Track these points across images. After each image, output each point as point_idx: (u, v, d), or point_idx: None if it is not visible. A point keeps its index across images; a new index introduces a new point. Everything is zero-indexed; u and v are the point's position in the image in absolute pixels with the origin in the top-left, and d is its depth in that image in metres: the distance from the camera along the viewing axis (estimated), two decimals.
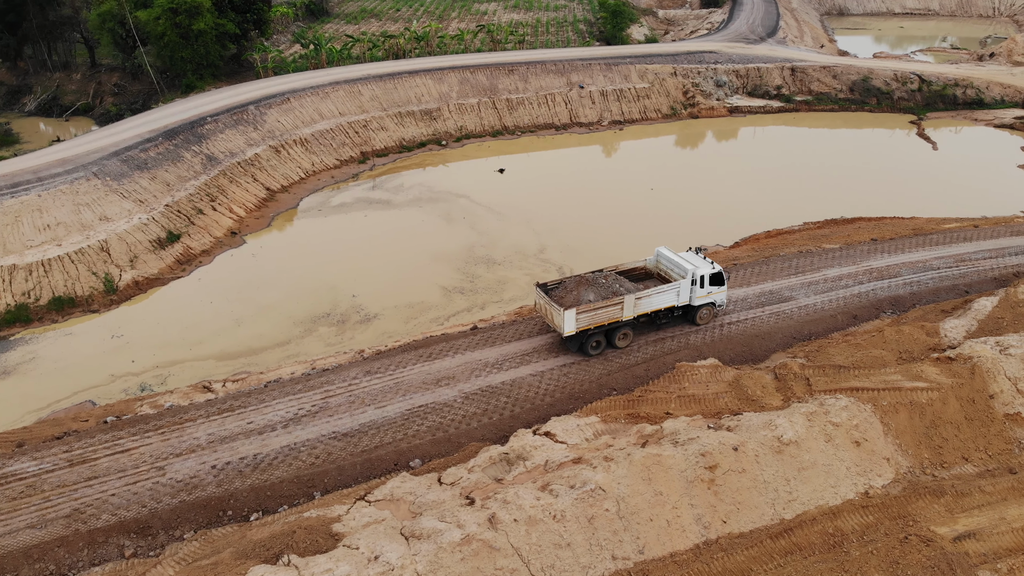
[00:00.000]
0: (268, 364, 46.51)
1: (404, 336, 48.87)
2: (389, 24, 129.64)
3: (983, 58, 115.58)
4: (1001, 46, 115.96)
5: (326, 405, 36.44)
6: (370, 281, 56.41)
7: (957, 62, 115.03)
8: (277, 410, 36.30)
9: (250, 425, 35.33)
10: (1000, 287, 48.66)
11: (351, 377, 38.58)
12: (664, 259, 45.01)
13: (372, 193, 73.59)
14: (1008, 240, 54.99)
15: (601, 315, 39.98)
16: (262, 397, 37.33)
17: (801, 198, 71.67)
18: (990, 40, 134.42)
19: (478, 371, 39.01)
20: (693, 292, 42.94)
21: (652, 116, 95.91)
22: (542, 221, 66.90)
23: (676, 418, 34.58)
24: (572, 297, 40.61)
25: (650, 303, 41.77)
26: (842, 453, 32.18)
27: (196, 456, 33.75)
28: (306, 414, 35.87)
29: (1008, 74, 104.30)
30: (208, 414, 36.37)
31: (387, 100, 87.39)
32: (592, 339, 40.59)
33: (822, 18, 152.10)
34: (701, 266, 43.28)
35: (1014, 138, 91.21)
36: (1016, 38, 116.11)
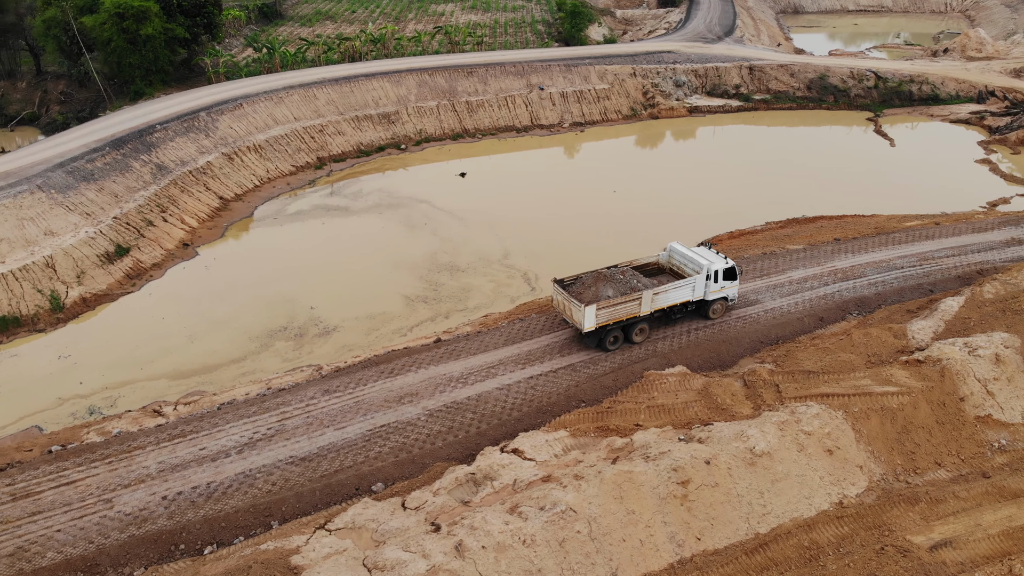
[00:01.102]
0: (223, 382, 44.81)
1: (365, 349, 47.49)
2: (345, 26, 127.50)
3: (937, 54, 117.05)
4: (955, 42, 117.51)
5: (283, 428, 34.92)
6: (329, 292, 54.82)
7: (912, 58, 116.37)
8: (231, 434, 34.69)
9: (203, 451, 33.69)
10: (964, 285, 48.70)
11: (309, 397, 37.08)
12: (677, 254, 45.55)
13: (330, 200, 71.87)
14: (970, 237, 55.19)
15: (620, 311, 40.43)
16: (215, 421, 35.67)
17: (762, 197, 71.49)
18: (943, 36, 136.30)
19: (442, 386, 37.75)
20: (707, 287, 43.51)
21: (613, 117, 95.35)
22: (506, 226, 65.82)
23: (646, 430, 33.72)
24: (590, 293, 40.92)
25: (667, 298, 42.28)
26: (815, 462, 31.58)
27: (146, 487, 32.06)
28: (262, 438, 34.32)
29: (962, 69, 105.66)
30: (158, 441, 34.65)
31: (344, 104, 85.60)
32: (611, 334, 40.97)
33: (778, 16, 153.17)
34: (715, 261, 43.78)
35: (970, 133, 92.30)
36: (969, 33, 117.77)
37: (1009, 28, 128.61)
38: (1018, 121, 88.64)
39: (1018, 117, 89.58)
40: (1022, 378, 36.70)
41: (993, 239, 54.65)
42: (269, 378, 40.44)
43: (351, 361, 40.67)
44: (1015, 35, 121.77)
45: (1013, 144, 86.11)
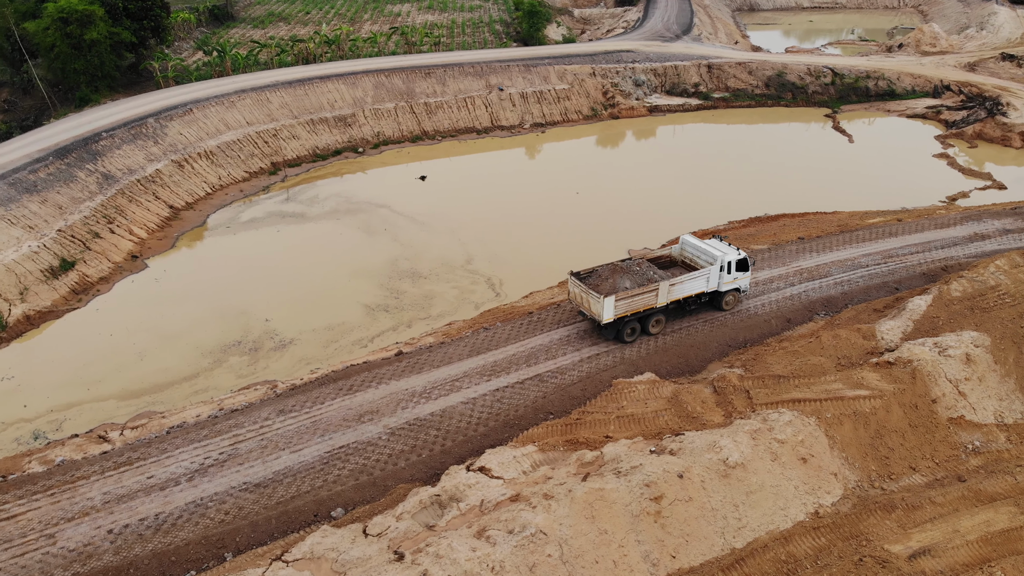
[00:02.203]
0: (174, 401, 42.91)
1: (323, 362, 45.88)
2: (298, 28, 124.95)
3: (892, 49, 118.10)
4: (909, 37, 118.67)
5: (236, 452, 33.16)
6: (285, 303, 53.01)
7: (867, 54, 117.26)
8: (181, 460, 32.86)
9: (151, 480, 31.83)
10: (929, 282, 48.48)
11: (263, 418, 35.33)
12: (690, 246, 45.98)
13: (285, 206, 69.85)
14: (932, 233, 55.12)
15: (637, 302, 40.90)
16: (164, 446, 33.79)
17: (724, 196, 71.08)
18: (897, 31, 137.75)
19: (404, 402, 36.22)
20: (721, 278, 43.98)
21: (573, 118, 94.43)
22: (468, 230, 64.49)
23: (616, 442, 32.65)
24: (608, 285, 41.23)
25: (682, 289, 42.79)
26: (789, 472, 30.77)
27: (90, 520, 30.15)
28: (213, 463, 32.53)
29: (917, 64, 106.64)
30: (103, 469, 32.70)
31: (298, 107, 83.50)
32: (628, 326, 41.46)
33: (734, 14, 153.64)
34: (728, 252, 44.28)
35: (927, 127, 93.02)
36: (923, 28, 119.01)
37: (962, 22, 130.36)
38: (974, 115, 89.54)
39: (974, 111, 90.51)
40: (993, 377, 36.35)
41: (956, 235, 54.64)
42: (221, 398, 38.58)
43: (307, 378, 38.95)
44: (968, 29, 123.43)
45: (970, 138, 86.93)
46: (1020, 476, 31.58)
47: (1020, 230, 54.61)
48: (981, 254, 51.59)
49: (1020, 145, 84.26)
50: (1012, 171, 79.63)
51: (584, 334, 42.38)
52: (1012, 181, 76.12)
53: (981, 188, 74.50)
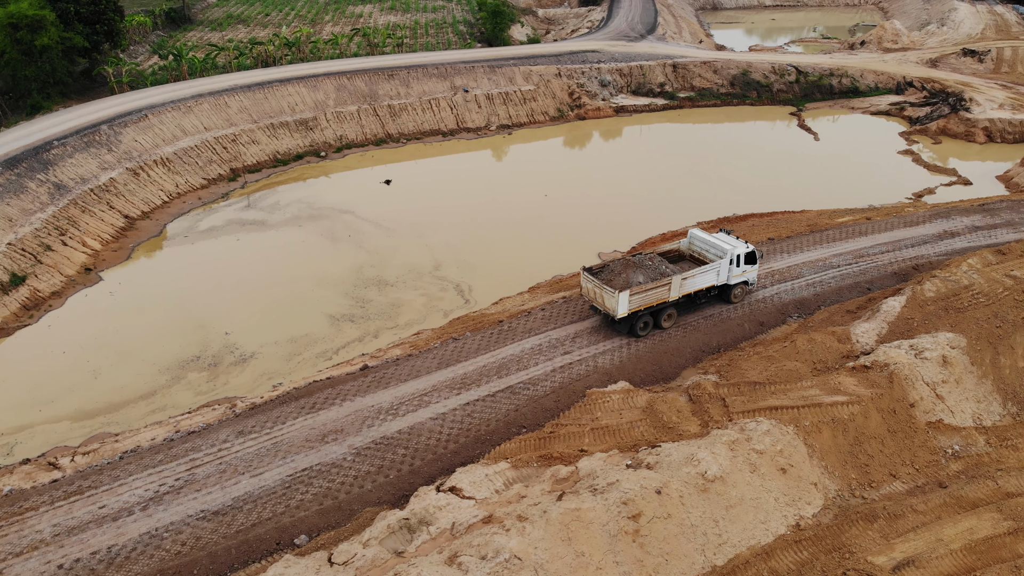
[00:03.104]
0: (130, 421, 41.08)
1: (286, 376, 44.31)
2: (258, 30, 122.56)
3: (854, 46, 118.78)
4: (871, 34, 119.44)
5: (192, 477, 31.49)
6: (245, 315, 51.26)
7: (830, 52, 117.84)
8: (135, 488, 31.12)
9: (103, 510, 30.08)
10: (900, 281, 48.16)
11: (221, 440, 33.67)
12: (698, 240, 46.35)
13: (245, 213, 67.89)
14: (902, 232, 54.89)
15: (650, 296, 41.29)
16: (117, 473, 32.01)
17: (692, 197, 70.59)
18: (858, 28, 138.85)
19: (370, 420, 34.73)
20: (730, 271, 44.35)
21: (540, 119, 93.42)
22: (435, 235, 63.13)
23: (591, 455, 31.58)
24: (621, 280, 41.63)
25: (694, 283, 43.16)
26: (769, 483, 29.91)
27: (39, 554, 28.34)
28: (169, 490, 30.86)
29: (880, 61, 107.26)
30: (53, 499, 30.87)
31: (257, 111, 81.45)
32: (641, 320, 41.79)
33: (697, 13, 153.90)
34: (737, 246, 44.57)
35: (891, 124, 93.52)
36: (885, 25, 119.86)
37: (922, 19, 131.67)
38: (937, 111, 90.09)
39: (937, 107, 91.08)
40: (970, 379, 35.89)
41: (926, 232, 54.46)
42: (177, 419, 36.81)
43: (268, 396, 37.28)
44: (929, 25, 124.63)
45: (934, 134, 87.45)
46: (1001, 481, 31.06)
47: (989, 227, 54.59)
48: (951, 252, 51.41)
49: (984, 140, 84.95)
50: (976, 166, 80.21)
51: (556, 343, 41.27)
52: (977, 176, 76.59)
53: (947, 184, 74.83)
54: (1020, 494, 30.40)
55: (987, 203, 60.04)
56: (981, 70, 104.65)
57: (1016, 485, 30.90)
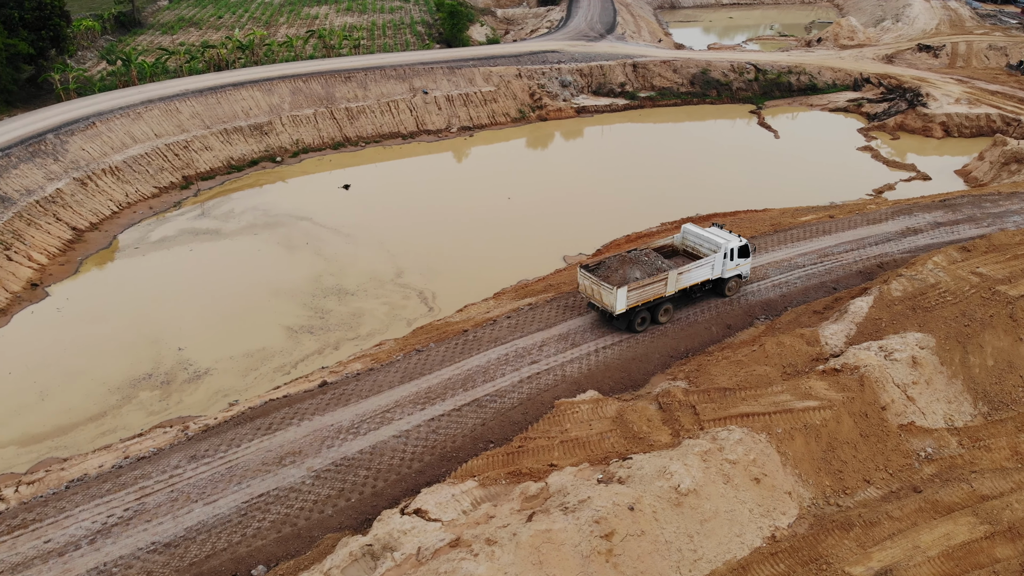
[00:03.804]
0: (79, 444, 39.31)
1: (242, 392, 42.73)
2: (210, 33, 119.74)
3: (811, 44, 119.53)
4: (827, 31, 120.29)
5: (143, 507, 29.80)
6: (199, 329, 49.46)
7: (788, 49, 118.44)
8: (82, 520, 29.37)
9: (48, 544, 28.30)
10: (866, 279, 47.95)
11: (172, 466, 31.98)
12: (691, 235, 46.63)
13: (198, 222, 65.79)
14: (866, 229, 54.75)
15: (648, 291, 41.53)
16: (62, 504, 30.18)
17: (655, 197, 70.09)
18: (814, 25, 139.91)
19: (330, 440, 33.26)
20: (724, 265, 44.63)
21: (501, 120, 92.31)
22: (396, 241, 61.75)
23: (561, 470, 30.55)
24: (618, 276, 41.84)
25: (689, 277, 43.45)
26: (743, 494, 29.12)
27: None
28: (118, 522, 29.14)
29: (837, 58, 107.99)
30: None
31: (210, 116, 79.20)
32: (639, 315, 42.00)
33: (656, 12, 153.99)
34: (730, 240, 44.96)
35: (849, 120, 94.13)
36: (840, 22, 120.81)
37: (877, 15, 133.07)
38: (895, 107, 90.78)
39: (894, 103, 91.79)
40: (940, 380, 35.53)
41: (889, 230, 54.37)
42: (126, 444, 34.98)
43: (221, 417, 35.58)
44: (884, 22, 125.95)
45: (892, 130, 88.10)
46: (976, 483, 30.65)
47: (951, 223, 54.69)
48: (915, 249, 51.37)
49: (941, 135, 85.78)
50: (934, 161, 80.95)
51: (523, 352, 40.16)
52: (936, 171, 77.25)
53: (906, 180, 75.32)
54: (995, 496, 30.00)
55: (948, 199, 60.24)
56: (936, 65, 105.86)
57: (991, 487, 30.50)
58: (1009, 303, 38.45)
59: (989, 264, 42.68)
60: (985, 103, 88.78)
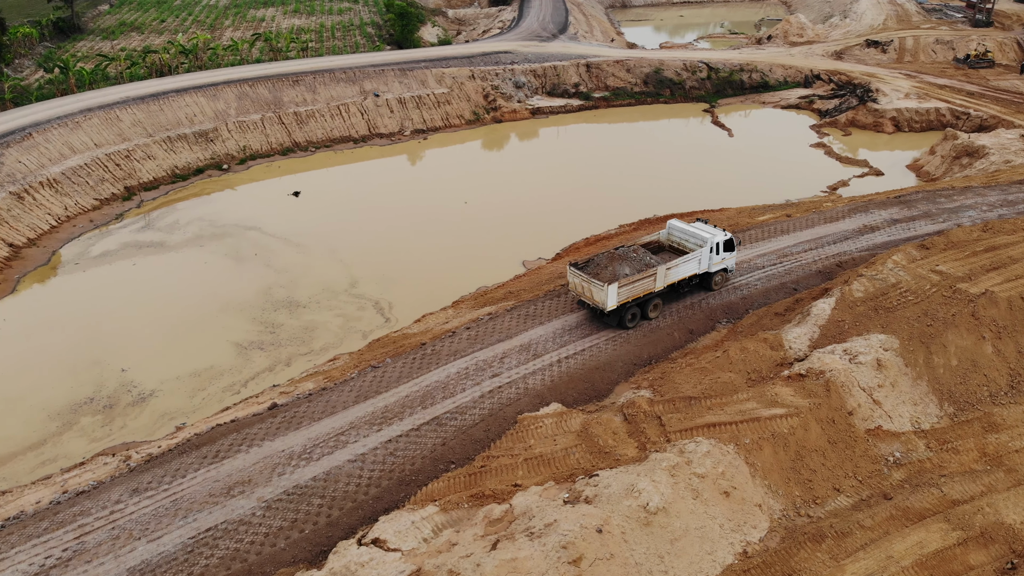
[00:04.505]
0: (17, 476, 37.08)
1: (190, 415, 40.82)
2: (153, 38, 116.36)
3: (762, 41, 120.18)
4: (777, 28, 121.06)
5: (82, 547, 27.83)
6: (144, 348, 47.32)
7: (739, 47, 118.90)
8: (18, 563, 27.30)
9: None
10: (825, 279, 47.63)
11: (113, 500, 30.04)
12: (677, 230, 46.88)
13: (142, 235, 63.26)
14: (823, 228, 54.58)
15: (638, 287, 41.61)
16: None
17: (613, 198, 69.39)
18: (764, 23, 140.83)
19: (281, 467, 31.57)
20: (711, 259, 44.97)
21: (455, 122, 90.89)
22: (350, 249, 60.05)
23: (526, 490, 29.39)
24: (608, 272, 41.65)
25: (677, 272, 43.63)
26: (713, 509, 28.27)
27: None
28: (56, 564, 27.16)
29: (787, 55, 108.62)
30: None
31: (153, 124, 76.43)
32: (629, 311, 42.14)
33: (607, 11, 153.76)
34: (716, 234, 45.17)
35: (801, 117, 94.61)
36: (790, 19, 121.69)
37: (825, 11, 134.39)
38: (846, 103, 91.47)
39: (845, 99, 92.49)
40: (905, 381, 35.15)
41: (846, 228, 54.26)
42: (64, 477, 32.89)
43: (165, 445, 33.67)
44: (832, 18, 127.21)
45: (843, 126, 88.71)
46: (946, 488, 30.22)
47: (907, 219, 54.77)
48: (872, 247, 51.26)
49: (892, 130, 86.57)
50: (886, 156, 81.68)
51: (484, 365, 38.83)
52: (888, 167, 77.90)
53: (859, 176, 75.77)
54: (965, 501, 29.59)
55: (903, 195, 60.46)
56: (885, 60, 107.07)
57: (960, 491, 30.10)
58: (970, 301, 38.28)
59: (948, 261, 42.58)
60: (934, 97, 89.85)
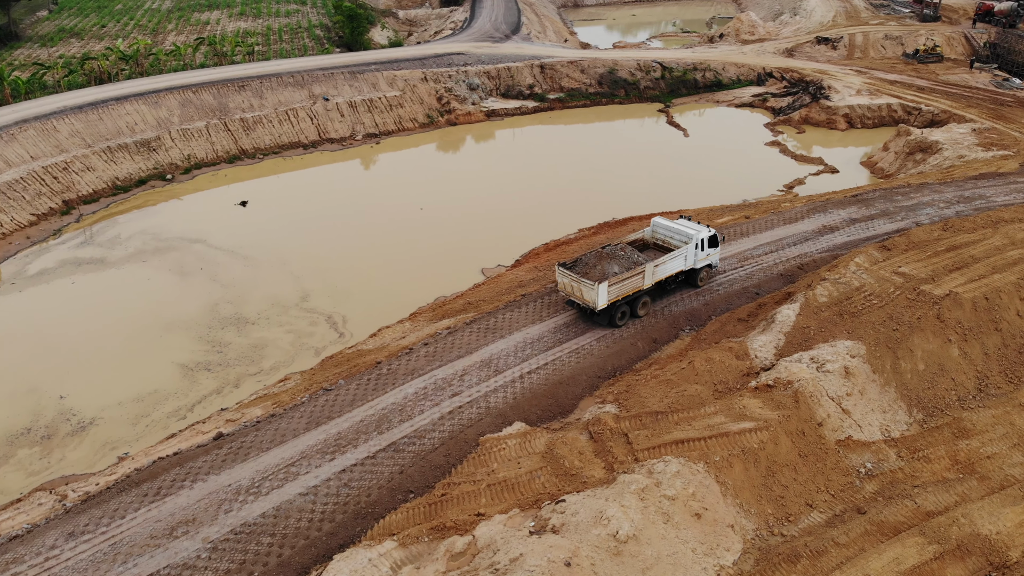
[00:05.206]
0: None
1: (132, 443, 38.62)
2: (93, 44, 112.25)
3: (714, 40, 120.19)
4: (729, 26, 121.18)
5: None
6: (84, 373, 44.84)
7: (692, 46, 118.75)
8: None
9: None
10: (787, 282, 46.99)
11: (48, 546, 27.82)
12: (661, 228, 47.17)
13: (81, 251, 60.39)
14: (782, 230, 54.03)
15: (627, 285, 41.75)
16: None
17: (570, 202, 68.19)
18: (715, 21, 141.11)
19: (228, 503, 29.59)
20: (696, 255, 45.20)
21: (409, 126, 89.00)
22: (300, 261, 57.92)
23: (490, 519, 27.98)
24: (596, 271, 41.83)
25: (665, 269, 43.80)
26: (685, 533, 27.12)
27: None
28: None
29: (740, 53, 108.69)
30: None
31: (92, 134, 73.30)
32: (619, 310, 42.17)
33: (560, 11, 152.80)
34: (700, 230, 45.62)
35: (755, 116, 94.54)
36: (741, 17, 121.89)
37: (775, 9, 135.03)
38: (799, 100, 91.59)
39: (798, 96, 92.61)
40: (873, 388, 34.47)
41: (805, 229, 53.77)
42: None
43: (104, 482, 31.49)
44: (782, 15, 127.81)
45: (797, 123, 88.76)
46: (919, 499, 29.50)
47: (866, 218, 54.47)
48: (833, 247, 50.80)
49: (845, 127, 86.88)
50: (840, 153, 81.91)
51: (443, 383, 37.19)
52: (842, 164, 78.02)
53: (815, 174, 75.69)
54: (940, 512, 28.88)
55: (860, 193, 60.28)
56: (835, 57, 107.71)
57: (934, 502, 29.41)
58: (935, 303, 37.81)
59: (911, 263, 42.14)
60: (885, 93, 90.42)
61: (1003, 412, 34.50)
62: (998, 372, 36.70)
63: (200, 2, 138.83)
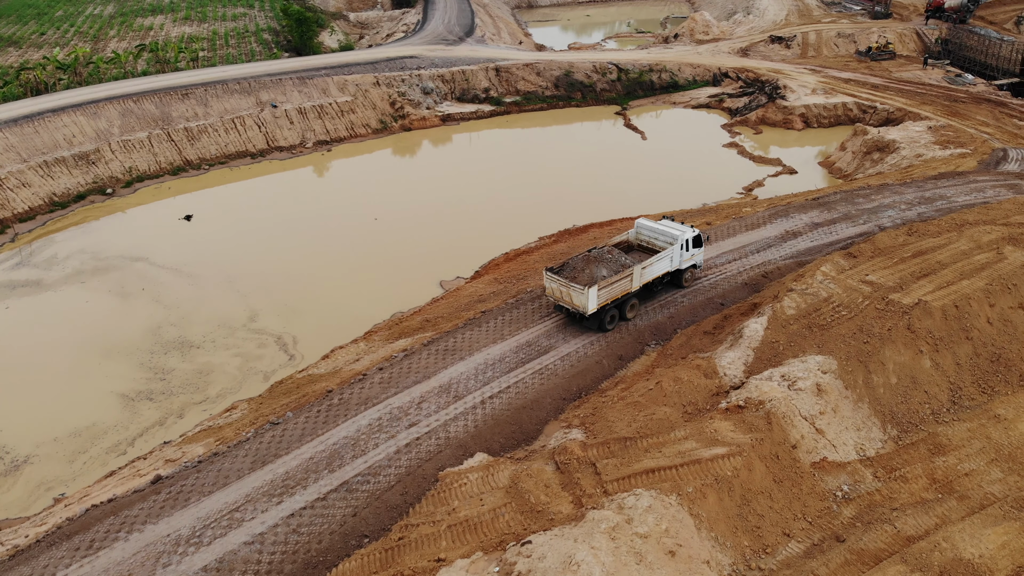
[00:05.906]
0: None
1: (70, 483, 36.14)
2: (32, 52, 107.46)
3: (669, 40, 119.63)
4: (683, 26, 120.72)
5: None
6: (16, 407, 42.12)
7: (647, 47, 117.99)
8: None
9: None
10: (752, 292, 45.83)
11: None
12: (646, 229, 46.74)
13: (15, 273, 57.16)
14: (744, 236, 52.95)
15: (615, 289, 41.30)
16: None
17: (530, 209, 66.68)
18: (669, 21, 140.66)
19: (167, 556, 27.17)
20: (682, 256, 44.90)
21: (361, 132, 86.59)
22: (248, 278, 55.52)
23: (451, 565, 26.11)
24: (585, 275, 41.29)
25: (652, 271, 43.49)
26: (658, 573, 25.53)
27: None
28: None
29: (695, 54, 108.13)
30: None
31: (26, 148, 69.72)
32: (608, 314, 41.68)
33: (514, 12, 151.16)
34: (685, 231, 45.31)
35: (712, 116, 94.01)
36: (695, 17, 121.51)
37: (729, 8, 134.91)
38: (755, 101, 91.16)
39: (755, 97, 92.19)
40: (846, 405, 33.32)
41: (768, 235, 52.72)
42: None
43: (34, 534, 28.93)
44: (736, 15, 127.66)
45: (754, 124, 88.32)
46: (899, 523, 28.33)
47: (828, 222, 53.63)
48: (796, 253, 49.81)
49: (801, 127, 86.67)
50: (797, 153, 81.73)
51: (399, 412, 35.08)
52: (800, 164, 77.73)
53: (773, 175, 75.21)
54: (921, 536, 27.75)
55: (821, 196, 59.55)
56: (789, 56, 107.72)
57: (914, 526, 28.27)
58: (905, 313, 36.84)
59: (878, 270, 41.19)
60: (840, 92, 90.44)
61: (978, 425, 33.63)
62: (971, 383, 35.84)
63: (143, 7, 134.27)
